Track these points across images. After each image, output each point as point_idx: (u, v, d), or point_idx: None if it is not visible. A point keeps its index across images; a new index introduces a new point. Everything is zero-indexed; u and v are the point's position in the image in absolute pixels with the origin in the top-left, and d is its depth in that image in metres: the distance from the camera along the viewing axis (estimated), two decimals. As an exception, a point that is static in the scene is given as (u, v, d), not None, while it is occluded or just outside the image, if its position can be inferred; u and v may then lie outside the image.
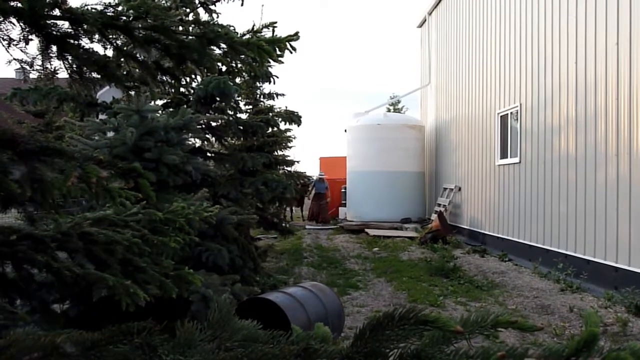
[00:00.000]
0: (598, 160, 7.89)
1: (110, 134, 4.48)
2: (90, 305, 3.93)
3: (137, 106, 4.00)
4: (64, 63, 1.76)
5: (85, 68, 1.83)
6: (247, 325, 0.73)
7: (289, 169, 13.47)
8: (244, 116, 9.98)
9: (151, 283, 2.30)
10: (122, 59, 1.86)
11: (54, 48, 1.83)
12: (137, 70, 1.87)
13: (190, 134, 4.40)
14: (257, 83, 11.60)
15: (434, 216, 14.34)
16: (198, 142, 7.18)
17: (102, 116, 6.40)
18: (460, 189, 14.53)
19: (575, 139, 8.54)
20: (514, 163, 10.95)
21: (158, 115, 4.29)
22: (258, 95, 12.59)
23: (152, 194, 1.55)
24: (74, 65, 1.80)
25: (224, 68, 6.94)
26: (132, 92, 1.94)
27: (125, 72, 1.81)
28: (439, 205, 15.24)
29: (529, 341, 4.85)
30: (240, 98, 11.52)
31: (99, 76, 1.77)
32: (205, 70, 2.37)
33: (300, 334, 0.69)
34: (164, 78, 2.21)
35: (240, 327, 0.70)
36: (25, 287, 1.92)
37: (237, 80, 8.10)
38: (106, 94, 12.19)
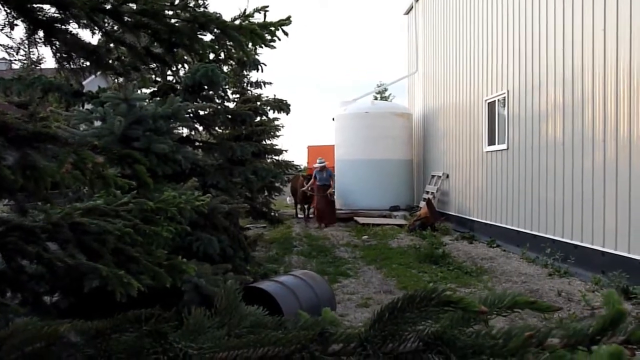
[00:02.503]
0: (585, 146, 7.95)
1: (97, 124, 4.41)
2: (82, 296, 3.89)
3: (124, 95, 3.93)
4: (51, 49, 1.72)
5: (73, 54, 1.78)
6: (254, 311, 0.71)
7: (277, 157, 13.44)
8: (231, 105, 9.91)
9: (144, 273, 2.27)
10: (111, 45, 1.81)
11: (41, 33, 1.78)
12: (127, 56, 1.83)
13: (178, 123, 4.34)
14: (245, 71, 11.50)
15: (423, 204, 14.40)
16: (186, 132, 7.12)
17: (88, 106, 6.30)
18: (448, 176, 14.59)
19: (563, 125, 8.59)
20: (502, 149, 11.01)
21: (146, 103, 4.23)
22: (245, 84, 12.51)
23: (149, 180, 1.52)
24: (62, 51, 1.76)
25: (211, 55, 6.86)
26: (122, 79, 1.90)
27: (114, 58, 1.77)
28: (427, 192, 15.30)
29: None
30: (227, 86, 11.43)
31: (87, 62, 1.72)
32: (196, 57, 2.33)
33: (308, 319, 0.68)
34: (155, 64, 2.17)
35: (247, 314, 0.69)
36: (15, 279, 1.89)
37: (225, 68, 8.02)
38: (91, 83, 12.02)
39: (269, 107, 8.50)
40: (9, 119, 1.22)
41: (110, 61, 1.76)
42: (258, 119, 9.20)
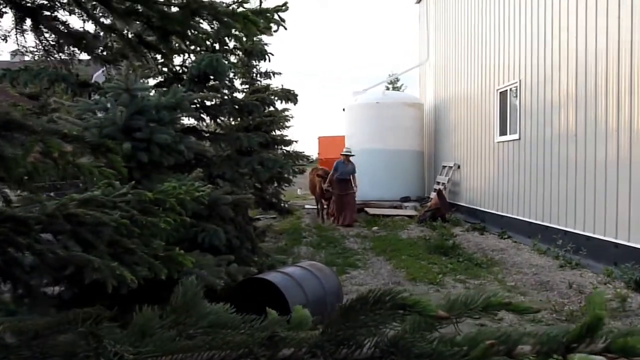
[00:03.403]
0: (598, 136, 7.80)
1: (101, 114, 4.39)
2: (84, 288, 3.89)
3: (126, 84, 3.90)
4: (38, 37, 1.68)
5: (62, 41, 1.74)
6: (216, 309, 0.67)
7: (287, 148, 13.36)
8: (240, 96, 9.86)
9: (140, 264, 2.24)
10: (100, 32, 1.77)
11: (28, 22, 1.74)
12: (117, 43, 1.79)
13: (182, 113, 4.32)
14: (254, 61, 11.43)
15: (433, 194, 14.29)
16: (193, 122, 7.09)
17: (95, 97, 6.30)
18: (459, 167, 14.45)
19: (575, 115, 8.44)
20: (514, 140, 10.86)
21: (149, 93, 4.20)
22: (255, 74, 12.43)
23: (123, 170, 1.48)
24: (50, 40, 1.72)
25: (217, 46, 6.82)
26: (111, 66, 1.86)
27: (102, 46, 1.73)
28: (438, 183, 15.18)
29: (527, 318, 4.83)
30: (236, 77, 11.38)
31: (75, 49, 1.69)
32: (192, 45, 2.28)
33: (272, 320, 0.63)
34: (150, 53, 2.12)
35: (208, 312, 0.64)
36: (7, 271, 1.87)
37: (232, 58, 7.99)
38: (102, 75, 12.03)
39: (276, 98, 8.44)
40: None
41: (99, 49, 1.73)
42: (266, 109, 9.14)
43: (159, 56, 2.40)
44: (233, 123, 10.78)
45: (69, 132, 1.23)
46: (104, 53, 1.75)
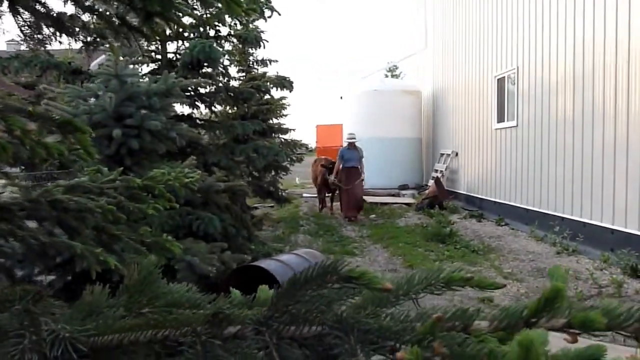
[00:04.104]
0: (595, 122, 7.76)
1: (93, 101, 4.35)
2: (76, 275, 3.87)
3: (115, 70, 3.85)
4: (15, 20, 1.64)
5: (41, 23, 1.70)
6: (175, 289, 0.64)
7: (284, 137, 13.31)
8: (237, 83, 9.80)
9: (126, 251, 2.22)
10: (81, 13, 1.73)
11: (5, 3, 1.70)
12: (99, 25, 1.75)
13: (174, 100, 4.28)
14: (250, 49, 11.35)
15: (431, 182, 14.27)
16: (188, 110, 7.05)
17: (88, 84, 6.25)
18: (457, 154, 14.42)
19: (573, 101, 8.39)
20: (511, 126, 10.82)
21: (139, 80, 4.15)
22: (251, 62, 12.35)
23: (92, 150, 1.45)
24: (28, 22, 1.68)
25: (211, 33, 6.77)
26: (91, 48, 1.82)
27: (80, 26, 1.69)
28: (436, 171, 15.15)
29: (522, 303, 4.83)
30: (231, 64, 11.29)
31: (52, 29, 1.65)
32: (180, 29, 2.24)
33: (220, 298, 0.60)
34: (133, 36, 2.08)
35: (165, 292, 0.62)
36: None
37: (227, 46, 7.93)
38: (98, 65, 11.93)
39: (271, 85, 8.38)
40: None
41: (76, 29, 1.69)
42: (261, 96, 9.08)
43: (148, 42, 2.35)
44: (230, 111, 10.74)
45: (33, 110, 1.20)
46: (80, 32, 1.71)
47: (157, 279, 0.64)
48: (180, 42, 6.73)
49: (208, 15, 5.37)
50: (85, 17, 1.95)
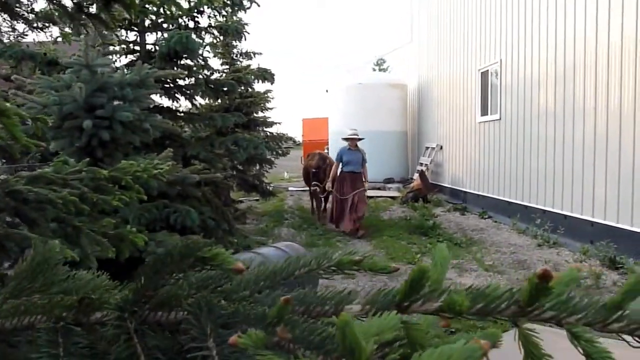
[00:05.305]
0: (576, 116, 7.80)
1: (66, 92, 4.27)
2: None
3: (86, 60, 3.78)
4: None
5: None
6: (78, 276, 0.61)
7: (269, 130, 13.26)
8: (222, 76, 9.70)
9: (88, 243, 2.17)
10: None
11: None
12: (49, 10, 1.70)
13: (148, 91, 4.21)
14: (233, 42, 11.26)
15: (416, 175, 14.29)
16: (168, 102, 6.96)
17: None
18: (442, 148, 14.45)
19: (555, 95, 8.43)
20: (494, 120, 10.85)
21: (112, 70, 4.07)
22: (235, 55, 12.27)
23: (19, 134, 1.40)
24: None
25: (190, 24, 6.69)
26: (39, 31, 1.76)
27: (27, 10, 1.63)
28: (421, 164, 15.18)
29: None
30: (214, 56, 11.21)
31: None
32: (136, 14, 2.18)
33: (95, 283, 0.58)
34: (91, 22, 2.02)
35: (63, 279, 0.59)
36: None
37: (208, 38, 7.85)
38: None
39: (252, 77, 8.32)
40: None
41: (22, 12, 1.63)
42: (243, 88, 9.01)
43: (108, 30, 2.30)
44: (214, 104, 10.65)
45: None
46: (27, 15, 1.66)
47: (53, 265, 0.61)
48: (159, 33, 6.64)
49: (187, 6, 5.31)
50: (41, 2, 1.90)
